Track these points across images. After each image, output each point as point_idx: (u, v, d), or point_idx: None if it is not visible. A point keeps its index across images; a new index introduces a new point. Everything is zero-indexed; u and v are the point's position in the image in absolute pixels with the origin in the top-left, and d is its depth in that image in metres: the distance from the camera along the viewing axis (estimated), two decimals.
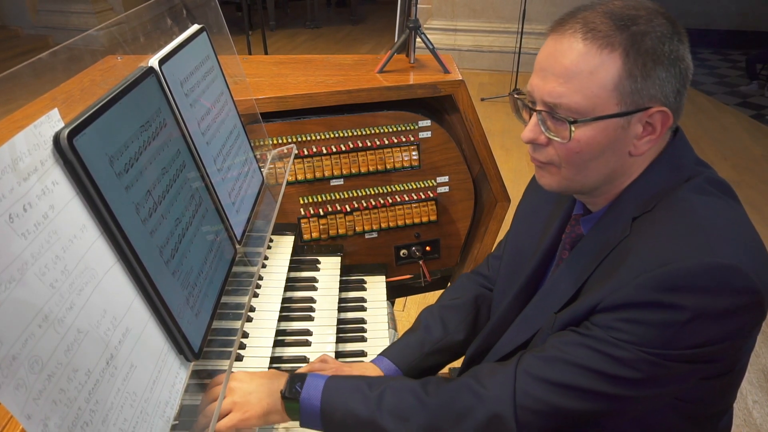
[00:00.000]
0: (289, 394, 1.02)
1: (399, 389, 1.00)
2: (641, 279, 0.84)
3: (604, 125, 0.88)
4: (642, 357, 0.85)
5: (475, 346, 1.22)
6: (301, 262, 1.65)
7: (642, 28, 0.86)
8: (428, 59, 1.81)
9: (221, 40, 1.35)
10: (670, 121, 0.90)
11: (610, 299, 0.87)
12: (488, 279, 1.38)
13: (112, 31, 1.13)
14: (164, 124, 0.97)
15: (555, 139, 0.92)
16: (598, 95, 0.87)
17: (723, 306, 0.82)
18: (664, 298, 0.82)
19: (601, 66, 0.86)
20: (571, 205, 1.10)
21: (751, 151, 4.79)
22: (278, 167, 1.57)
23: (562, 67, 0.88)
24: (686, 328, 0.82)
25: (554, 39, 0.91)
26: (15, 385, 0.57)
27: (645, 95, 0.87)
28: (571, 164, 0.93)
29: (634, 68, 0.86)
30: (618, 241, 0.92)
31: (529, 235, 1.18)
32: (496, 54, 6.56)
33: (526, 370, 0.94)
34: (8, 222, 0.60)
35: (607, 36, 0.86)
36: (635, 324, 0.85)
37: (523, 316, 1.08)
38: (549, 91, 0.89)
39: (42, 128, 0.69)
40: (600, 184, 0.96)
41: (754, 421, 2.36)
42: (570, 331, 0.93)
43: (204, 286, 1.00)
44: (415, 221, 1.79)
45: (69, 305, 0.67)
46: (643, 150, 0.92)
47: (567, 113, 0.89)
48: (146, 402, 0.78)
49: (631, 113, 0.88)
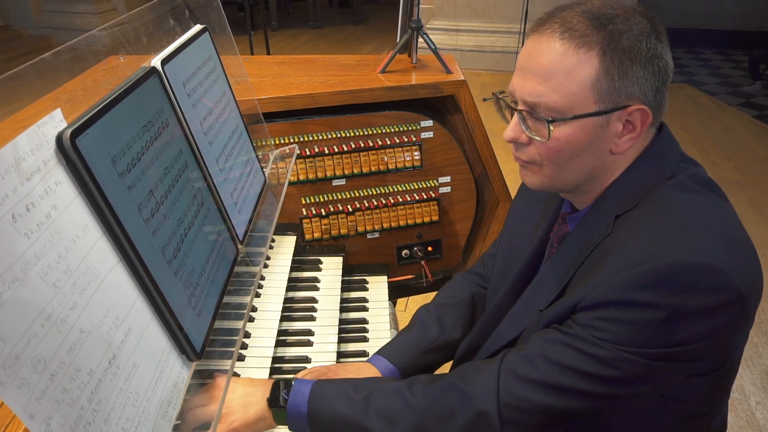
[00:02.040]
0: (275, 402, 1.02)
1: (385, 391, 1.00)
2: (620, 277, 0.85)
3: (583, 124, 0.89)
4: (621, 356, 0.85)
5: (466, 343, 1.23)
6: (303, 262, 1.65)
7: (619, 27, 0.87)
8: (430, 59, 1.81)
9: (223, 40, 1.35)
10: (649, 118, 0.90)
11: (590, 297, 0.88)
12: (483, 277, 1.39)
13: (114, 31, 1.13)
14: (166, 124, 0.97)
15: (535, 138, 0.92)
16: (575, 94, 0.88)
17: (700, 304, 0.82)
18: (642, 297, 0.83)
19: (578, 65, 0.87)
20: (559, 204, 1.11)
21: (754, 152, 4.77)
22: (280, 167, 1.57)
23: (540, 67, 0.89)
24: (663, 327, 0.83)
25: (533, 39, 0.92)
26: (18, 384, 0.57)
27: (623, 93, 0.88)
28: (552, 163, 0.94)
29: (611, 66, 0.86)
30: (601, 239, 0.93)
31: (521, 233, 1.19)
32: (498, 54, 6.55)
33: (508, 368, 0.94)
34: (11, 222, 0.60)
35: (583, 35, 0.87)
36: (614, 322, 0.85)
37: (511, 314, 1.09)
38: (528, 90, 0.90)
39: (45, 128, 0.69)
40: (582, 181, 0.97)
41: (757, 422, 2.35)
42: (552, 329, 0.94)
43: (206, 286, 1.00)
44: (416, 221, 1.79)
45: (71, 305, 0.67)
46: (624, 148, 0.92)
47: (546, 112, 0.89)
48: (148, 402, 0.79)
49: (610, 112, 0.89)
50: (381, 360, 1.23)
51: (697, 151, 4.65)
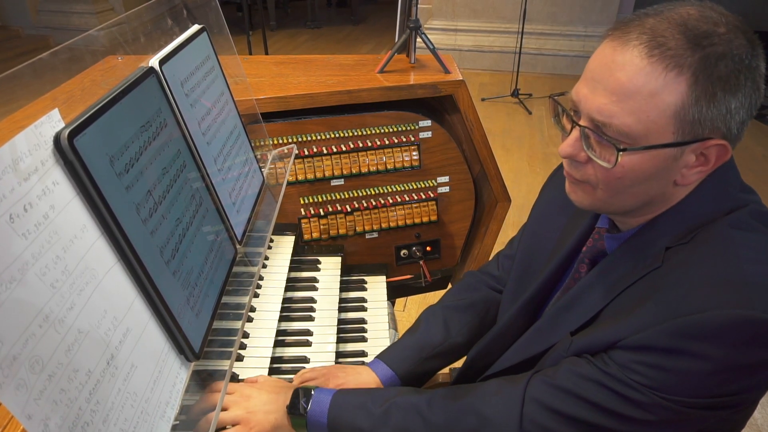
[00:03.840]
0: (295, 411, 1.02)
1: (404, 407, 0.99)
2: (671, 324, 0.77)
3: (655, 154, 0.79)
4: (657, 402, 0.80)
5: (477, 349, 1.19)
6: (302, 262, 1.65)
7: (718, 50, 0.75)
8: (429, 59, 1.81)
9: (222, 40, 1.35)
10: (728, 155, 0.81)
11: (633, 339, 0.81)
12: (498, 280, 1.33)
13: (112, 31, 1.13)
14: (165, 125, 0.97)
15: (597, 161, 0.83)
16: (654, 121, 0.77)
17: (753, 360, 0.76)
18: (691, 347, 0.76)
19: (665, 89, 0.76)
20: (595, 216, 1.03)
21: (752, 152, 4.78)
22: (279, 167, 1.57)
23: (617, 83, 0.77)
24: (710, 379, 0.77)
25: (613, 47, 0.79)
26: (16, 385, 0.57)
27: (707, 125, 0.78)
28: (609, 188, 0.85)
29: (701, 96, 0.76)
30: (647, 270, 0.85)
31: (544, 239, 1.12)
32: (496, 54, 6.56)
33: (535, 398, 0.90)
34: (9, 222, 0.60)
35: (676, 55, 0.75)
36: (656, 369, 0.79)
37: (535, 329, 1.02)
38: (598, 107, 0.80)
39: (42, 128, 0.69)
40: (636, 208, 0.89)
41: (756, 422, 2.36)
42: (585, 362, 0.87)
43: (204, 286, 1.00)
44: (415, 221, 1.79)
45: (69, 305, 0.67)
46: (690, 180, 0.84)
47: (616, 135, 0.79)
48: (147, 402, 0.78)
49: (687, 144, 0.79)
50: (380, 365, 1.21)
51: None
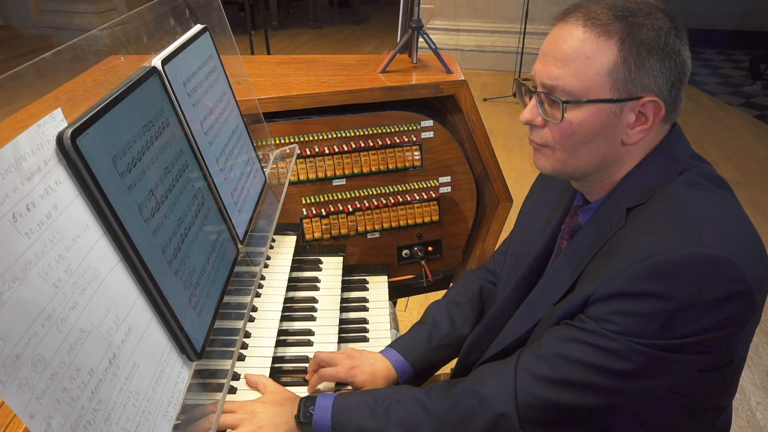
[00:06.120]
0: (303, 419, 1.04)
1: (404, 400, 1.02)
2: (632, 270, 0.86)
3: (597, 109, 0.92)
4: (634, 348, 0.87)
5: (474, 334, 1.25)
6: (303, 262, 1.65)
7: (640, 20, 0.90)
8: (431, 59, 1.81)
9: (224, 40, 1.36)
10: (662, 112, 0.93)
11: (602, 290, 0.89)
12: (493, 274, 1.41)
13: (115, 31, 1.13)
14: (167, 124, 0.97)
15: (549, 120, 0.96)
16: (592, 80, 0.91)
17: (712, 296, 0.83)
18: (654, 288, 0.84)
19: (598, 52, 0.90)
20: (572, 197, 1.13)
21: (754, 152, 4.77)
22: (281, 167, 1.57)
23: (561, 52, 0.93)
24: (675, 318, 0.84)
25: (558, 27, 0.96)
26: (18, 384, 0.57)
27: (638, 84, 0.91)
28: (564, 146, 0.97)
29: (628, 56, 0.90)
30: (613, 231, 0.95)
31: (532, 228, 1.21)
32: (498, 54, 6.55)
33: (525, 368, 0.96)
34: (12, 221, 0.60)
35: (605, 24, 0.91)
36: (626, 315, 0.87)
37: (524, 306, 1.10)
38: (548, 73, 0.94)
39: (45, 128, 0.69)
40: (593, 170, 0.99)
41: (758, 422, 2.35)
42: (565, 326, 0.95)
43: (206, 286, 1.00)
44: (417, 221, 1.79)
45: (72, 305, 0.67)
46: (635, 139, 0.94)
47: (562, 95, 0.93)
48: (149, 401, 0.79)
49: (624, 101, 0.91)
50: (393, 353, 1.26)
51: (697, 151, 4.57)
